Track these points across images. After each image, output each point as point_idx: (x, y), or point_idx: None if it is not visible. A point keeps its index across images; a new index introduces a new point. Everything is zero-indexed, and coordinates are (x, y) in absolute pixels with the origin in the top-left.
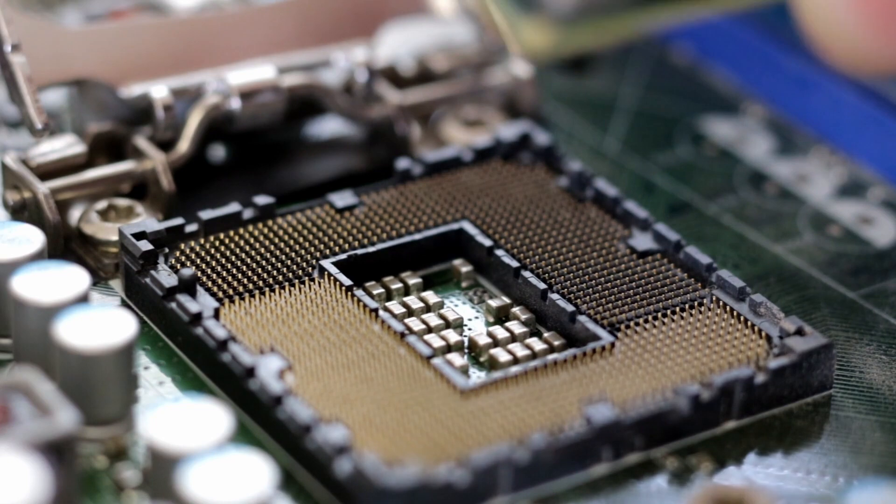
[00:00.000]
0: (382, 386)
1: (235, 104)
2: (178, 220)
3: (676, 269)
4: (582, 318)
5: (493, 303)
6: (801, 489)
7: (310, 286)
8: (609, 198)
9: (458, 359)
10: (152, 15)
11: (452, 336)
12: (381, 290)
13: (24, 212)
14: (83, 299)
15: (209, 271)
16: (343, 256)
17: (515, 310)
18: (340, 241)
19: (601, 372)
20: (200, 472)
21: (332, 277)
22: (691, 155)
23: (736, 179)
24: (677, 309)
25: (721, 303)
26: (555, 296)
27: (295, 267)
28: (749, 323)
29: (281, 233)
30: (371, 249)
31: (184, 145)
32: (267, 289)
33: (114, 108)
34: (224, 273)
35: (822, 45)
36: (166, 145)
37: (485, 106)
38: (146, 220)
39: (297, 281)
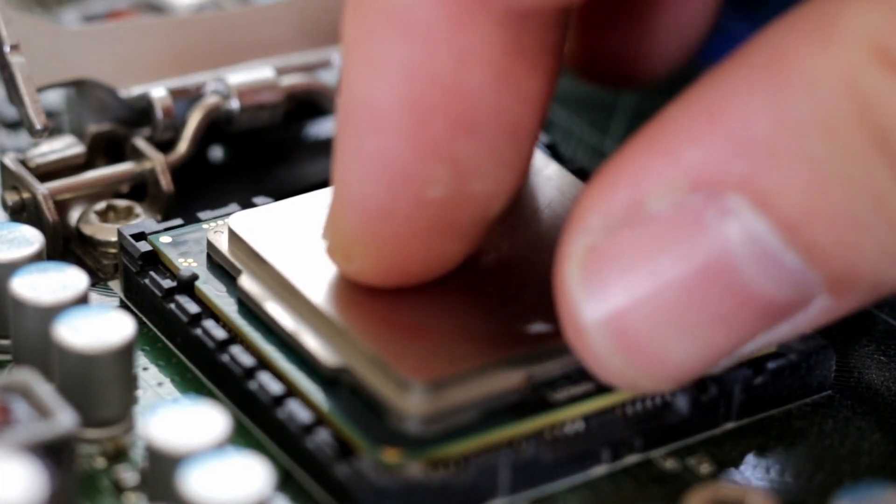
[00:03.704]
0: None
1: (235, 104)
2: (178, 221)
3: None
4: None
5: None
6: (801, 490)
7: None
8: None
9: None
10: (152, 15)
11: None
12: None
13: (23, 212)
14: (82, 300)
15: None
16: None
17: None
18: None
19: None
20: (200, 472)
21: None
22: None
23: None
24: None
25: None
26: None
27: None
28: None
29: None
30: None
31: (183, 146)
32: None
33: (113, 108)
34: None
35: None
36: (166, 146)
37: None
38: (145, 221)
39: None
